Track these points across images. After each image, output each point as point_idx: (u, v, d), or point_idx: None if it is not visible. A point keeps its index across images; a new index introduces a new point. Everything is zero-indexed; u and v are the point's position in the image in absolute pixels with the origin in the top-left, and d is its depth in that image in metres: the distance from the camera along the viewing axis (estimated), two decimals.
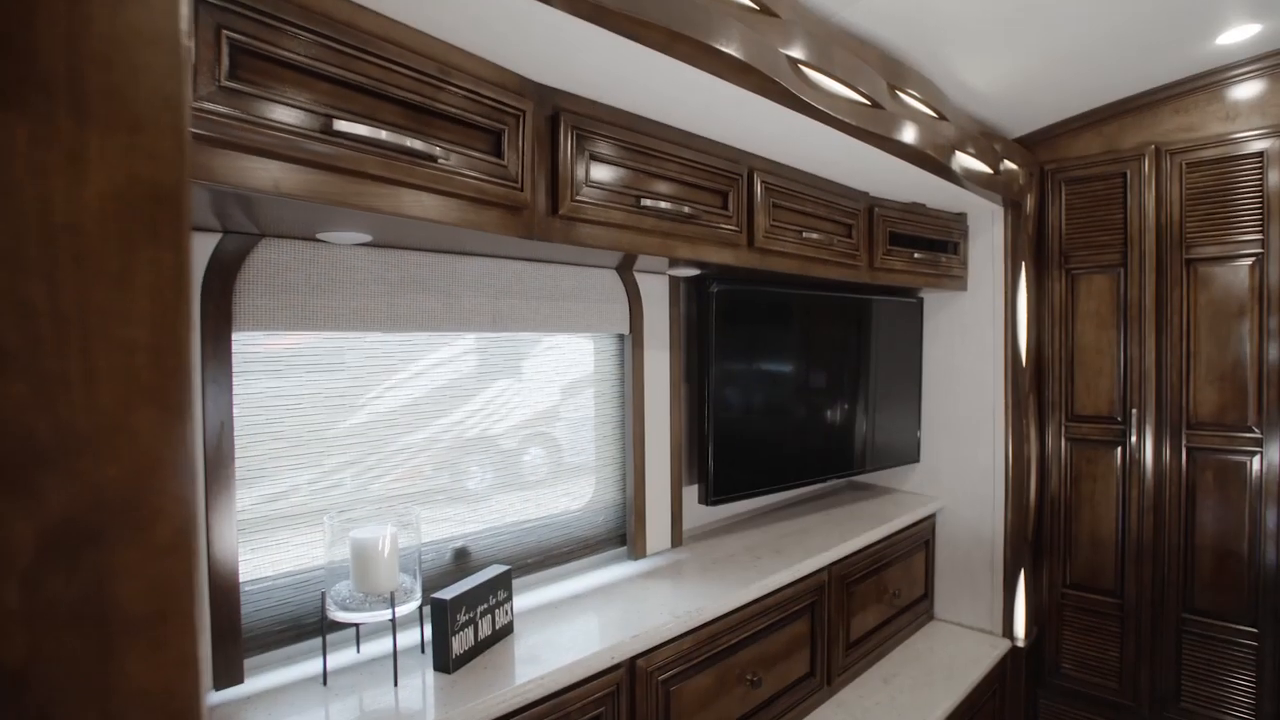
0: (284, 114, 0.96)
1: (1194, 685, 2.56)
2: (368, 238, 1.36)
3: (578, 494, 2.00)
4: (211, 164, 0.90)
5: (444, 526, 1.71)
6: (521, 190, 1.30)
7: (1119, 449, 2.68)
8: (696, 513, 2.36)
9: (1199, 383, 2.52)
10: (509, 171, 1.27)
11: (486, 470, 1.80)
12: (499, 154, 1.26)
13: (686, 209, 1.62)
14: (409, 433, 1.63)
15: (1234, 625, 2.47)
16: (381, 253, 1.48)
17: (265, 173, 0.96)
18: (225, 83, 0.89)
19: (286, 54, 0.96)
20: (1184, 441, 2.55)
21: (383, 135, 1.07)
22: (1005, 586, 2.74)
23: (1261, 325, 2.39)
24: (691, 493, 2.29)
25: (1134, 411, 2.63)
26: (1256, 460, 2.42)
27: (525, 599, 1.77)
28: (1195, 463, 2.54)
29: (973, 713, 2.49)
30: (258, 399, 1.38)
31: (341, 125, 1.02)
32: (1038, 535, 2.87)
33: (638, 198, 1.52)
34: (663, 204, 1.56)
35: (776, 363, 2.41)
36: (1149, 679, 2.64)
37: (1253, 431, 2.42)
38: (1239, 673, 2.47)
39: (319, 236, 1.33)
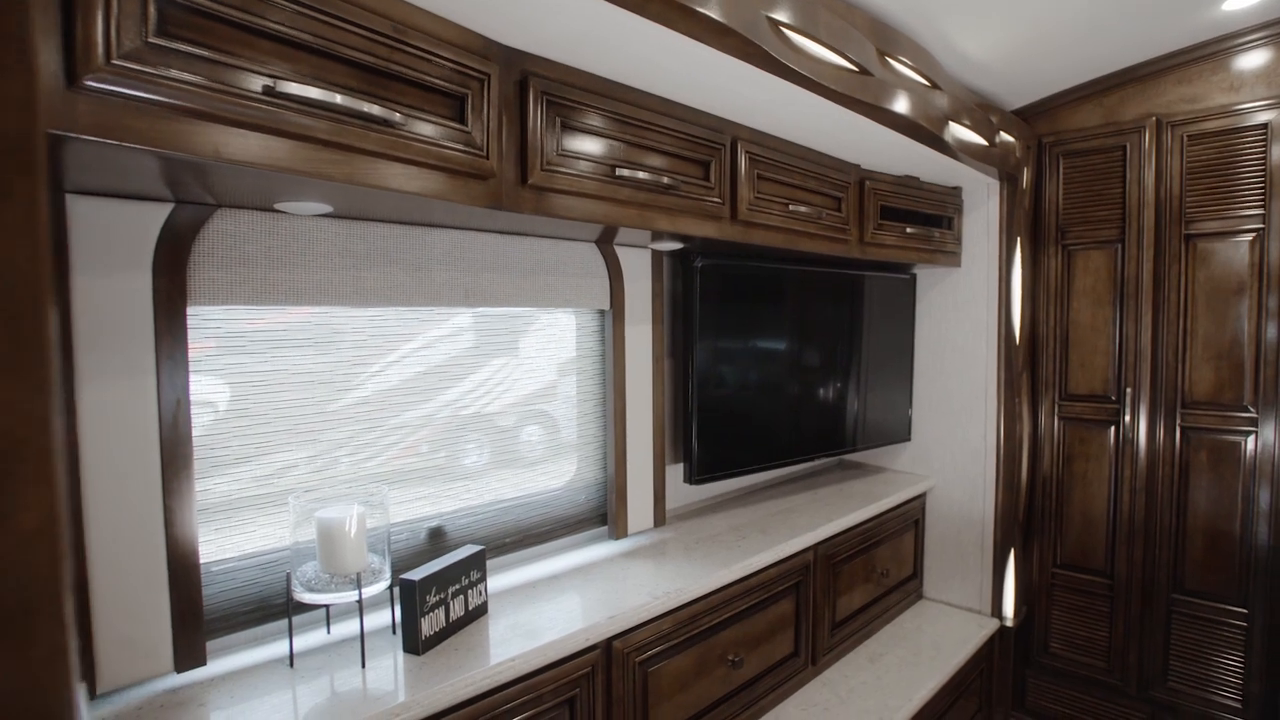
0: (222, 74, 0.91)
1: (1182, 665, 2.55)
2: (328, 208, 1.31)
3: (559, 472, 1.97)
4: (139, 126, 0.84)
5: (420, 506, 1.68)
6: (487, 158, 1.24)
7: (1112, 428, 2.64)
8: (682, 492, 2.33)
9: (1195, 361, 2.47)
10: (473, 138, 1.22)
11: (465, 449, 1.76)
12: (462, 120, 1.21)
13: (666, 180, 1.56)
14: (391, 413, 1.60)
15: (1224, 606, 2.46)
16: (345, 225, 1.42)
17: (204, 137, 0.91)
18: (153, 39, 0.84)
19: (223, 9, 0.90)
20: (1178, 421, 2.51)
21: (338, 99, 1.01)
22: (995, 566, 2.72)
23: (1261, 303, 2.34)
24: (677, 471, 2.26)
25: (1128, 391, 2.59)
26: (1251, 440, 2.38)
27: (503, 579, 1.74)
28: (1189, 442, 2.50)
29: (959, 691, 2.48)
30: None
31: (287, 87, 0.96)
32: (1029, 515, 2.84)
33: (613, 167, 1.46)
34: (640, 174, 1.50)
35: (763, 339, 2.37)
36: (1137, 658, 2.63)
37: (1248, 411, 2.38)
38: (1227, 653, 2.46)
39: (277, 207, 1.28)
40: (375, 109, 1.06)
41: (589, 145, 1.44)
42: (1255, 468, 2.38)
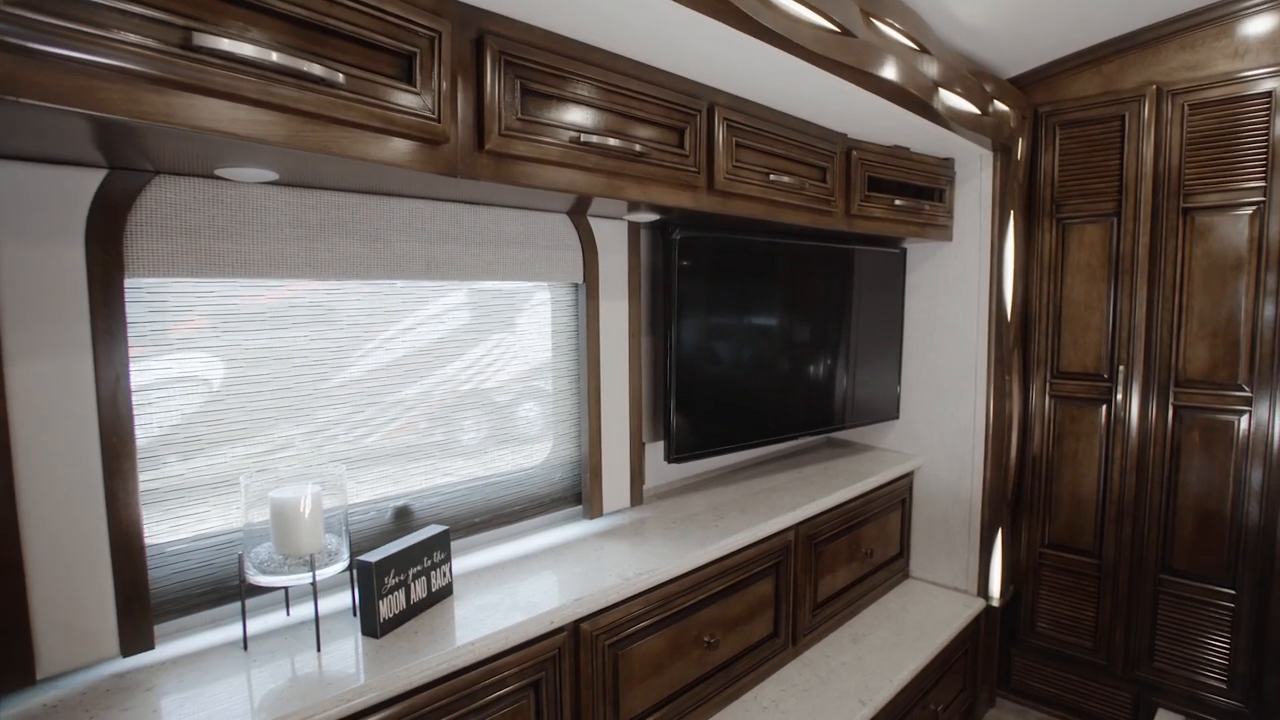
0: (136, 26, 0.84)
1: (1168, 645, 2.52)
2: (273, 175, 1.24)
3: (533, 450, 1.92)
4: (41, 80, 0.78)
5: (388, 486, 1.64)
6: (438, 122, 1.17)
7: (1104, 407, 2.59)
8: (663, 470, 2.29)
9: (1190, 339, 2.41)
10: (422, 101, 1.14)
11: (436, 430, 1.71)
12: (410, 81, 1.14)
13: (637, 147, 1.49)
14: (366, 395, 1.55)
15: (1212, 586, 2.42)
16: (296, 193, 1.36)
17: (110, 93, 0.84)
18: None
19: None
20: (1171, 400, 2.45)
21: (273, 58, 0.95)
22: (982, 546, 2.69)
23: (1259, 279, 2.27)
24: (657, 450, 2.21)
25: (1121, 369, 2.53)
26: (1245, 419, 2.33)
27: (472, 559, 1.71)
28: (1182, 422, 2.45)
29: (943, 671, 2.46)
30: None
31: (217, 43, 0.89)
32: (1018, 494, 2.80)
33: (578, 133, 1.39)
34: (610, 140, 1.43)
35: (746, 315, 2.30)
36: (1123, 638, 2.60)
37: (1243, 390, 2.32)
38: (1214, 633, 2.43)
39: (218, 173, 1.21)
40: (317, 68, 1.00)
41: (552, 110, 1.37)
42: (1248, 447, 2.33)
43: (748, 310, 2.30)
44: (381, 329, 1.59)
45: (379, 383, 1.60)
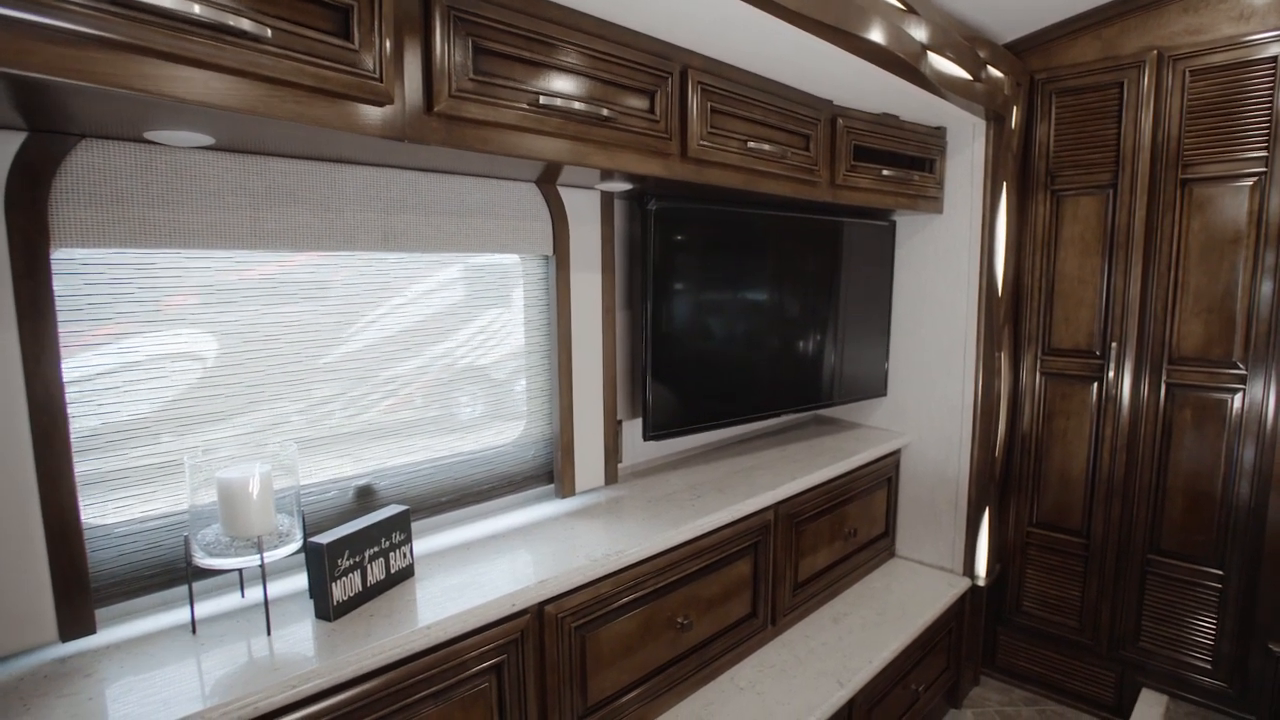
0: None
1: (1154, 626, 2.50)
2: (208, 139, 1.17)
3: (505, 428, 1.87)
4: None
5: (353, 465, 1.59)
6: (380, 81, 1.10)
7: (1095, 384, 2.53)
8: (642, 449, 2.25)
9: (1185, 315, 2.35)
10: (360, 58, 1.07)
11: (409, 407, 1.66)
12: (347, 36, 1.06)
13: (604, 111, 1.41)
14: (343, 371, 1.49)
15: (1200, 567, 2.39)
16: (237, 159, 1.29)
17: (13, 46, 0.77)
18: None
19: None
20: (1164, 377, 2.40)
21: (196, 10, 0.88)
22: (969, 525, 2.65)
23: (1257, 254, 2.20)
24: (636, 428, 2.17)
25: (1114, 345, 2.47)
26: (1238, 398, 2.27)
27: (439, 539, 1.67)
28: (1174, 400, 2.39)
29: (926, 651, 2.43)
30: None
31: None
32: (1006, 472, 2.76)
33: (538, 94, 1.32)
34: (575, 104, 1.36)
35: (727, 288, 2.24)
36: (1109, 618, 2.58)
37: (1237, 368, 2.26)
38: (1201, 614, 2.40)
39: (147, 137, 1.14)
40: (245, 23, 0.92)
41: (509, 71, 1.29)
42: (1241, 426, 2.27)
43: (729, 283, 2.23)
44: (349, 309, 1.52)
45: (349, 363, 1.54)
